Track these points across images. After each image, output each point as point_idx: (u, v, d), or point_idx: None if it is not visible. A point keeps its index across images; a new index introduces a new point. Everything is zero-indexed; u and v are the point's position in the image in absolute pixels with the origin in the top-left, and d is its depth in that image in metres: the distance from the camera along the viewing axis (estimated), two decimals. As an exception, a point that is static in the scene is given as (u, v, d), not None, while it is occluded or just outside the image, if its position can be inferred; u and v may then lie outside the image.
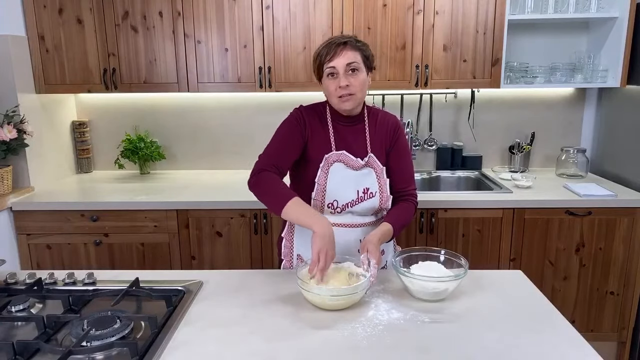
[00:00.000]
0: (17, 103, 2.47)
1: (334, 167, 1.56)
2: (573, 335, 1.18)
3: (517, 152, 2.91)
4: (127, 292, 1.33)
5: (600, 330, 2.50)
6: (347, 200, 1.56)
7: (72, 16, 2.56)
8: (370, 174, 1.58)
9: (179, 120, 3.02)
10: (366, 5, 2.51)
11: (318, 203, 1.56)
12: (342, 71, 1.48)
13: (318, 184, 1.55)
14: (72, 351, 1.06)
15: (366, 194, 1.57)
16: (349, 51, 1.48)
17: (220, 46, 2.58)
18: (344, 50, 1.47)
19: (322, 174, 1.55)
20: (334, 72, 1.49)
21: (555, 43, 2.84)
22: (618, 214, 2.36)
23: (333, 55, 1.48)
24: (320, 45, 1.53)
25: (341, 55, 1.47)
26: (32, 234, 2.45)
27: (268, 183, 1.46)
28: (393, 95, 2.90)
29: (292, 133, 1.57)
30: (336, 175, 1.56)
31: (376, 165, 1.59)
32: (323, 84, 1.55)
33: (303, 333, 1.19)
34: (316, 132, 1.59)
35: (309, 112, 1.61)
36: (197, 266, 2.48)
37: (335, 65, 1.48)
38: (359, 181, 1.57)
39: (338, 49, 1.47)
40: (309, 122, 1.59)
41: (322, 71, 1.52)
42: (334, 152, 1.57)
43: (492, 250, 2.44)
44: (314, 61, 1.54)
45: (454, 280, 1.33)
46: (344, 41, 1.49)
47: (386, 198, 1.59)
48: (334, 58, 1.48)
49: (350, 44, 1.49)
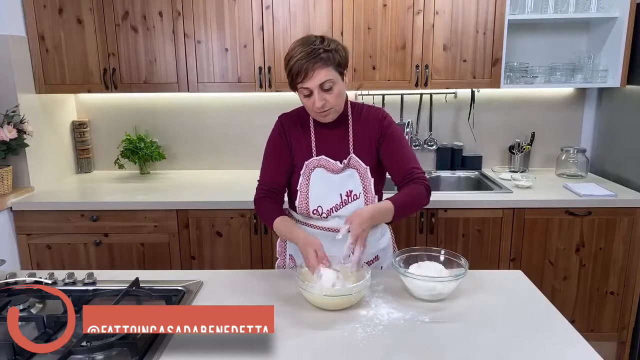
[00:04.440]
0: (17, 103, 2.47)
1: (315, 173, 1.55)
2: (573, 335, 1.18)
3: (517, 152, 2.91)
4: (127, 292, 1.33)
5: (600, 330, 2.50)
6: (331, 205, 1.55)
7: (72, 16, 2.56)
8: (353, 175, 1.55)
9: (179, 120, 3.01)
10: (366, 5, 2.51)
11: (303, 210, 1.56)
12: (317, 91, 1.41)
13: (300, 191, 1.55)
14: (72, 351, 1.06)
15: (350, 196, 1.55)
16: (321, 69, 1.38)
17: (220, 46, 2.58)
18: (315, 69, 1.38)
19: (303, 181, 1.55)
20: (308, 93, 1.43)
21: (555, 43, 2.84)
22: (618, 214, 2.36)
23: (305, 76, 1.39)
24: (290, 56, 1.41)
25: (314, 75, 1.38)
26: (32, 234, 2.45)
27: (262, 211, 1.58)
28: (393, 95, 2.90)
29: (276, 151, 1.59)
30: (318, 181, 1.54)
31: (358, 165, 1.55)
32: (299, 97, 1.49)
33: (303, 333, 1.19)
34: (298, 139, 1.58)
35: (289, 121, 1.60)
36: (197, 266, 2.48)
37: (309, 87, 1.41)
38: (341, 184, 1.55)
39: (309, 69, 1.37)
40: (290, 132, 1.58)
41: (293, 85, 1.45)
42: (314, 157, 1.55)
43: (492, 250, 2.43)
44: (287, 74, 1.44)
45: (453, 280, 1.33)
46: (314, 57, 1.37)
47: (371, 198, 1.55)
48: (306, 79, 1.39)
49: (322, 60, 1.37)
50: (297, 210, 1.58)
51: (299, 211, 1.58)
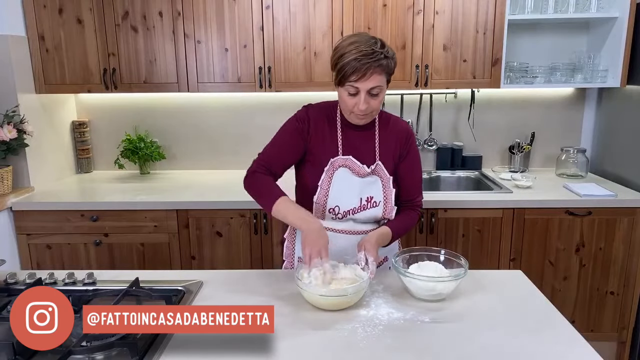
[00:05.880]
0: (17, 103, 2.47)
1: (338, 172, 1.53)
2: (573, 335, 1.18)
3: (517, 152, 2.91)
4: (127, 292, 1.32)
5: (600, 330, 2.50)
6: (349, 207, 1.53)
7: (72, 16, 2.56)
8: (376, 182, 1.54)
9: (179, 120, 3.01)
10: (366, 5, 2.51)
11: (319, 207, 1.54)
12: (364, 94, 1.39)
13: (321, 187, 1.53)
14: (72, 351, 1.06)
15: (369, 202, 1.54)
16: (377, 75, 1.37)
17: (220, 46, 2.58)
18: (373, 74, 1.36)
19: (326, 178, 1.53)
20: (356, 92, 1.40)
21: (555, 43, 2.84)
22: (618, 214, 2.36)
23: (360, 77, 1.36)
24: (346, 51, 1.37)
25: (369, 78, 1.37)
26: (32, 234, 2.45)
27: (259, 184, 1.50)
28: (393, 95, 2.89)
29: (292, 138, 1.54)
30: (340, 181, 1.52)
31: (383, 174, 1.55)
32: (338, 91, 1.46)
33: (303, 333, 1.19)
34: (323, 134, 1.54)
35: (317, 113, 1.56)
36: (197, 266, 2.48)
37: (360, 88, 1.38)
38: (364, 189, 1.53)
39: (368, 72, 1.35)
40: (315, 124, 1.54)
41: (342, 81, 1.41)
42: (341, 156, 1.53)
43: (492, 250, 2.43)
44: (335, 64, 1.41)
45: (453, 280, 1.33)
46: (376, 60, 1.35)
47: (390, 209, 1.55)
48: (360, 80, 1.37)
49: (381, 66, 1.37)
50: (314, 206, 1.55)
51: (315, 207, 1.55)
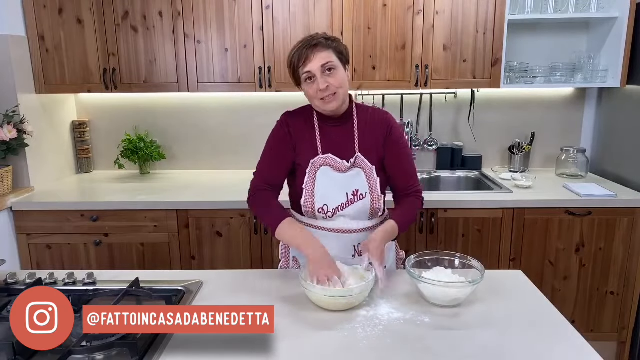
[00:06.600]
0: (17, 103, 2.47)
1: (320, 171, 1.54)
2: (573, 335, 1.18)
3: (517, 152, 2.91)
4: (127, 292, 1.33)
5: (600, 330, 2.50)
6: (337, 203, 1.54)
7: (72, 16, 2.56)
8: (359, 174, 1.55)
9: (179, 120, 3.01)
10: (366, 5, 2.51)
11: (308, 209, 1.55)
12: (319, 74, 1.44)
13: (306, 190, 1.54)
14: (72, 351, 1.06)
15: (356, 195, 1.55)
16: (321, 52, 1.44)
17: (220, 46, 2.58)
18: (315, 52, 1.44)
19: (309, 180, 1.54)
20: (310, 75, 1.46)
21: (555, 43, 2.84)
22: (618, 214, 2.36)
23: (306, 59, 1.44)
24: (291, 51, 1.48)
25: (314, 58, 1.43)
26: (32, 234, 2.45)
27: (262, 204, 1.54)
28: (393, 95, 2.90)
29: (279, 147, 1.58)
30: (323, 180, 1.54)
31: (364, 165, 1.55)
32: (303, 89, 1.52)
33: (303, 333, 1.20)
34: (303, 137, 1.57)
35: (294, 118, 1.59)
36: (197, 266, 2.48)
37: (311, 69, 1.44)
38: (348, 183, 1.54)
39: (310, 53, 1.44)
40: (295, 129, 1.57)
41: (299, 77, 1.49)
42: (320, 155, 1.55)
43: (492, 250, 2.43)
44: (289, 68, 1.50)
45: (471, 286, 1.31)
46: (314, 43, 1.44)
47: (377, 198, 1.56)
48: (307, 62, 1.44)
49: (320, 45, 1.45)
50: (303, 209, 1.56)
51: (304, 209, 1.56)
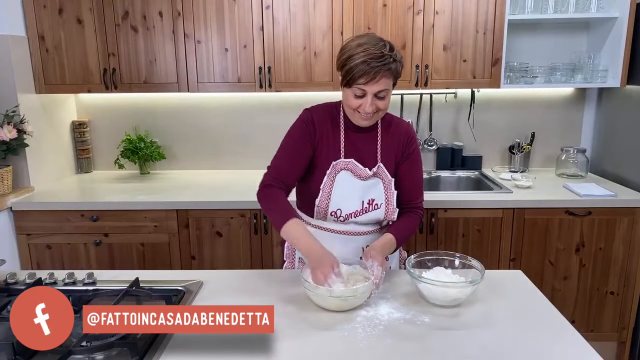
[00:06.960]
0: (17, 103, 2.47)
1: (340, 175, 1.52)
2: (573, 335, 1.18)
3: (517, 152, 2.91)
4: (127, 292, 1.33)
5: (600, 330, 2.50)
6: (351, 210, 1.53)
7: (72, 16, 2.56)
8: (378, 184, 1.54)
9: (179, 120, 3.01)
10: (366, 5, 2.51)
11: (321, 210, 1.54)
12: (371, 97, 1.40)
13: (323, 191, 1.52)
14: (72, 351, 1.06)
15: (371, 205, 1.53)
16: (385, 79, 1.38)
17: (220, 46, 2.58)
18: (382, 78, 1.37)
19: (328, 181, 1.52)
20: (362, 94, 1.40)
21: (555, 43, 2.84)
22: (618, 214, 2.36)
23: (369, 80, 1.36)
24: (356, 52, 1.36)
25: (377, 82, 1.37)
26: (32, 234, 2.45)
27: (272, 200, 1.48)
28: (393, 95, 2.86)
29: (302, 144, 1.52)
30: (342, 184, 1.52)
31: (384, 176, 1.54)
32: (344, 92, 1.46)
33: (303, 333, 1.20)
34: (326, 137, 1.53)
35: (320, 115, 1.54)
36: (197, 266, 2.48)
37: (367, 90, 1.39)
38: (365, 192, 1.53)
39: (377, 75, 1.35)
40: (320, 127, 1.53)
41: (349, 82, 1.40)
42: (343, 159, 1.52)
43: (492, 250, 2.43)
44: (342, 65, 1.40)
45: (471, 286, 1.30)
46: (385, 65, 1.35)
47: (392, 211, 1.55)
48: (369, 83, 1.37)
49: (390, 70, 1.37)
50: (315, 209, 1.54)
51: (316, 210, 1.54)
